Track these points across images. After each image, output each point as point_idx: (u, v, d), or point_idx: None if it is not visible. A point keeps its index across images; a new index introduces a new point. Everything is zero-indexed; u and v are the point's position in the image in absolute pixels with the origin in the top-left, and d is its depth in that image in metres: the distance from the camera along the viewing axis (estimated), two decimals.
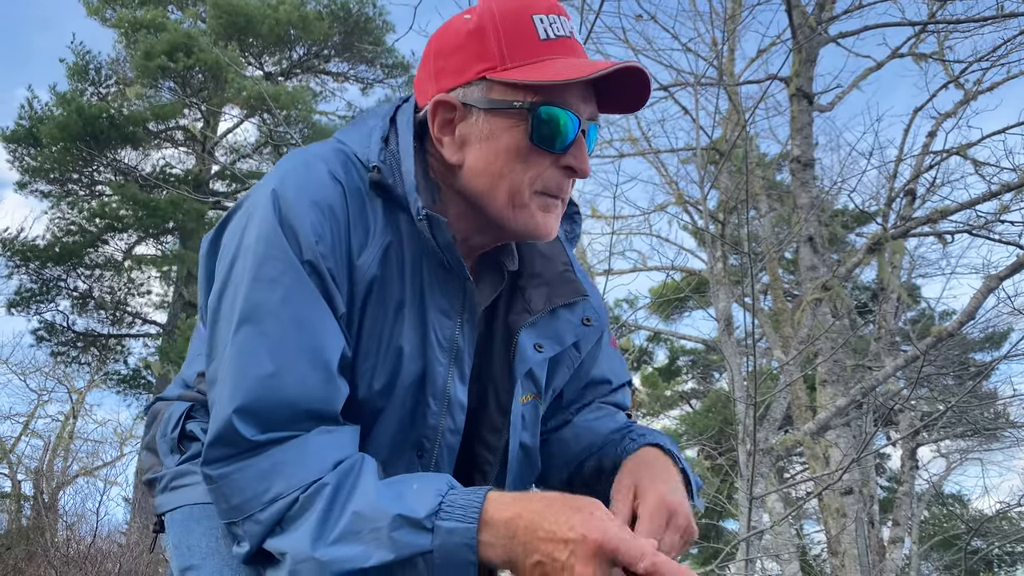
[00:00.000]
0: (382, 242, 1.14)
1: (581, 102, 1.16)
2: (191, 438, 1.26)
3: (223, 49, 14.17)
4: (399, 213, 1.17)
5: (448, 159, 1.18)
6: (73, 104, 14.98)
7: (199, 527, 1.21)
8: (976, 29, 8.68)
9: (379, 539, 0.97)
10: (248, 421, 1.04)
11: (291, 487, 1.02)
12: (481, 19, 1.16)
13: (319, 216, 1.10)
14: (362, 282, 1.13)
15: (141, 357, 17.39)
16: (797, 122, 8.12)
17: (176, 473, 1.26)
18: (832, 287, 5.87)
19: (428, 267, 1.17)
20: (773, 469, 5.95)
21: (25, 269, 15.97)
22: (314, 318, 1.08)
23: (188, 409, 1.28)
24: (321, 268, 1.09)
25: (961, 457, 13.50)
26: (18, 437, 19.68)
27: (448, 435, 1.23)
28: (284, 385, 1.05)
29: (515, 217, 1.17)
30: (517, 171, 1.14)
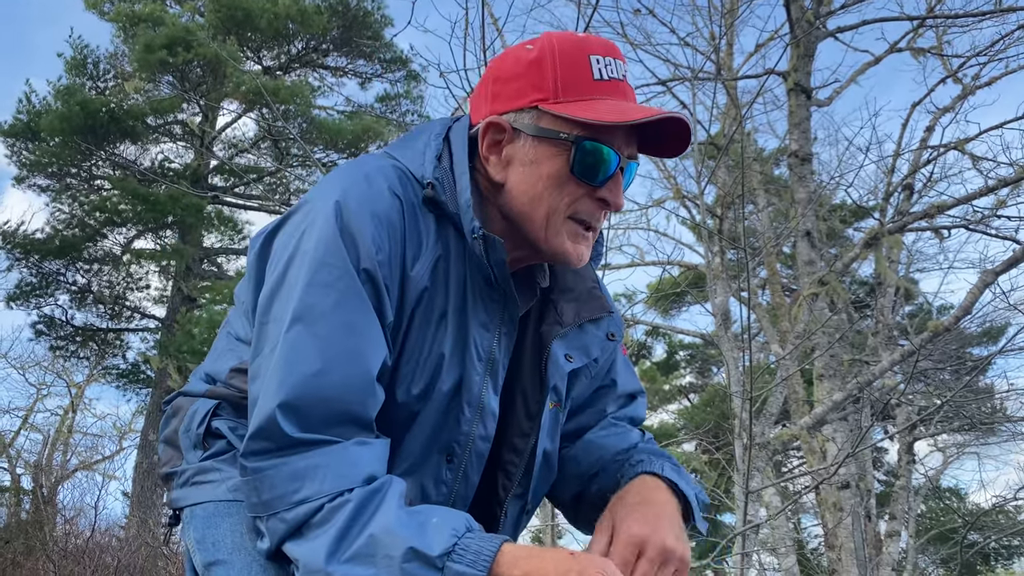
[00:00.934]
0: (433, 256, 1.21)
1: (623, 142, 1.23)
2: (216, 435, 1.28)
3: (221, 44, 14.15)
4: (449, 228, 1.23)
5: (493, 177, 1.25)
6: (72, 98, 14.95)
7: (225, 523, 1.23)
8: (974, 24, 8.70)
9: (391, 567, 1.01)
10: (290, 417, 1.08)
11: (320, 492, 1.06)
12: (541, 52, 1.23)
13: (379, 227, 1.16)
14: (413, 292, 1.19)
15: (140, 352, 17.40)
16: (795, 117, 8.13)
17: (200, 469, 1.28)
18: (829, 281, 5.89)
19: (472, 281, 1.24)
20: (770, 463, 5.98)
21: (25, 263, 15.96)
22: (363, 325, 1.14)
23: (215, 407, 1.30)
24: (376, 277, 1.15)
25: (958, 451, 13.54)
26: (17, 431, 19.71)
27: (479, 442, 1.29)
28: (328, 385, 1.10)
29: (548, 239, 1.24)
30: (555, 196, 1.22)
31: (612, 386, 1.47)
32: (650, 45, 9.82)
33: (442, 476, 1.29)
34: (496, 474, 1.37)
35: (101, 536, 11.05)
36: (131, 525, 14.00)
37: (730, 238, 9.58)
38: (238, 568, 1.18)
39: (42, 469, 18.87)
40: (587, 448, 1.44)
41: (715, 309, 9.72)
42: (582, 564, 1.03)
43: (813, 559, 15.59)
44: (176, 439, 1.33)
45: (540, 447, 1.34)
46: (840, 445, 7.08)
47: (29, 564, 9.19)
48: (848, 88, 10.21)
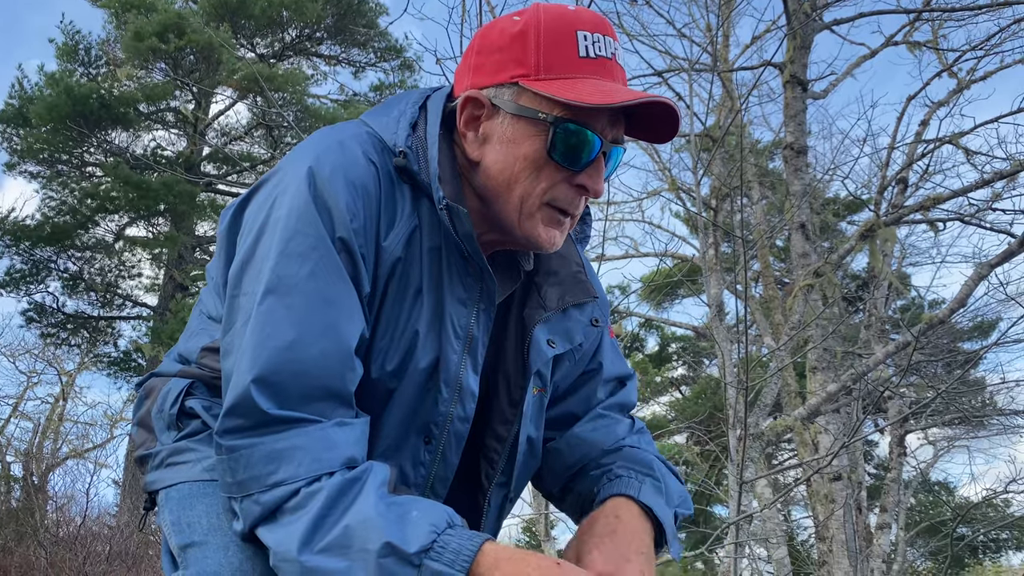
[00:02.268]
0: (408, 227, 1.16)
1: (607, 124, 1.17)
2: (190, 415, 1.25)
3: (215, 30, 14.05)
4: (423, 199, 1.18)
5: (469, 154, 1.20)
6: (63, 84, 14.84)
7: (200, 504, 1.19)
8: (971, 18, 8.69)
9: (366, 561, 0.96)
10: (266, 392, 1.04)
11: (297, 475, 1.02)
12: (526, 25, 1.16)
13: (353, 195, 1.11)
14: (387, 263, 1.14)
15: (131, 339, 17.34)
16: (791, 109, 8.12)
17: (173, 450, 1.25)
18: (824, 273, 5.89)
19: (448, 255, 1.19)
20: (763, 455, 5.99)
21: (15, 250, 15.86)
22: (339, 296, 1.09)
23: (188, 386, 1.27)
24: (352, 246, 1.10)
25: (948, 444, 13.62)
26: (7, 419, 19.63)
27: (457, 423, 1.24)
28: (304, 359, 1.05)
29: (520, 224, 1.18)
30: (530, 180, 1.16)
31: (598, 370, 1.42)
32: (646, 36, 9.80)
33: (420, 457, 1.25)
34: (479, 462, 1.33)
35: (93, 523, 11.03)
36: (122, 513, 13.98)
37: (725, 230, 9.58)
38: (214, 548, 1.13)
39: (32, 457, 18.82)
40: (572, 443, 1.39)
41: (709, 301, 9.71)
42: (567, 572, 1.00)
43: (804, 551, 15.67)
44: (150, 421, 1.30)
45: (523, 434, 1.30)
46: (834, 435, 7.10)
47: (20, 551, 9.16)
48: (844, 81, 10.22)
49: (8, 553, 9.16)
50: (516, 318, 1.32)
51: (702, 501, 15.46)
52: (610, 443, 1.37)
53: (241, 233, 1.19)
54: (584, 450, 1.37)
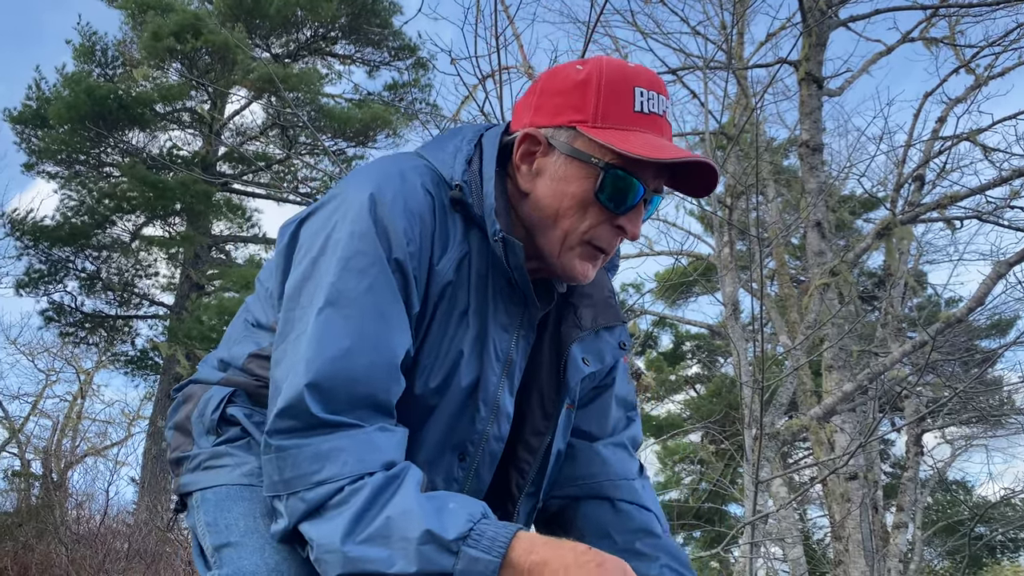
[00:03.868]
0: (459, 253, 1.24)
1: (651, 176, 1.26)
2: (231, 422, 1.29)
3: (230, 31, 14.12)
4: (475, 230, 1.27)
5: (521, 185, 1.29)
6: (80, 85, 14.96)
7: (237, 507, 1.23)
8: (988, 13, 8.61)
9: (406, 550, 1.01)
10: (317, 397, 1.10)
11: (342, 474, 1.07)
12: (589, 75, 1.26)
13: (411, 221, 1.19)
14: (437, 285, 1.23)
15: (148, 338, 17.45)
16: (806, 106, 8.08)
17: (212, 454, 1.29)
18: (840, 272, 5.86)
19: (494, 283, 1.28)
20: (778, 454, 5.98)
21: (34, 250, 16.00)
22: (392, 313, 1.17)
23: (230, 394, 1.31)
24: (407, 268, 1.18)
25: (966, 443, 13.51)
26: (27, 417, 19.81)
27: (493, 442, 1.32)
28: (356, 367, 1.12)
29: (560, 256, 1.27)
30: (576, 217, 1.25)
31: (611, 385, 1.48)
32: (661, 34, 9.79)
33: (454, 474, 1.31)
34: (510, 472, 1.38)
35: (112, 521, 11.11)
36: (140, 510, 14.08)
37: (740, 228, 9.56)
38: (250, 550, 1.18)
39: (51, 454, 18.99)
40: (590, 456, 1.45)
41: (724, 300, 9.67)
42: (603, 556, 1.04)
43: (819, 550, 15.61)
44: (188, 425, 1.34)
45: (555, 447, 1.37)
46: (850, 435, 7.06)
47: (41, 547, 9.25)
48: (859, 78, 10.15)
49: (29, 550, 9.25)
50: (552, 336, 1.39)
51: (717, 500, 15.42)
52: (622, 475, 1.44)
53: (298, 250, 1.25)
54: (597, 468, 1.44)
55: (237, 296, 15.10)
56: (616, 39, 9.68)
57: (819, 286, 5.62)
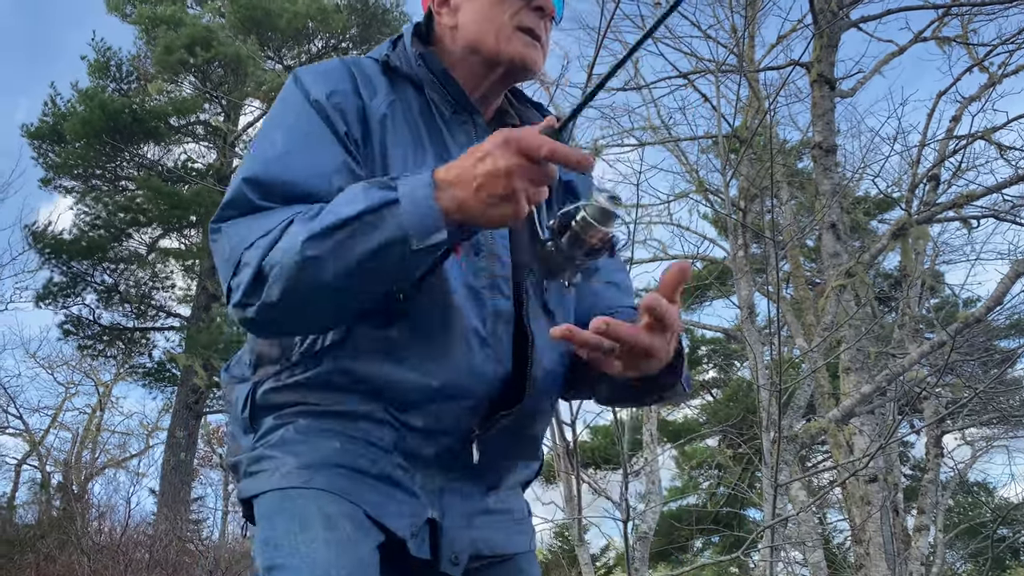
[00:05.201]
0: (388, 97, 1.36)
1: None
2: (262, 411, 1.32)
3: (242, 43, 14.24)
4: (407, 86, 1.40)
5: (447, 24, 1.42)
6: (96, 100, 15.11)
7: (280, 521, 1.23)
8: (1001, 11, 8.56)
9: (352, 201, 1.12)
10: (254, 189, 1.22)
11: (285, 218, 1.17)
12: None
13: (328, 78, 1.34)
14: (374, 119, 1.33)
15: (165, 350, 17.57)
16: (819, 108, 8.05)
17: (252, 459, 1.31)
18: (856, 273, 5.83)
19: (439, 114, 1.39)
20: (796, 457, 5.94)
21: (53, 263, 16.15)
22: (318, 132, 1.28)
23: (253, 386, 1.34)
24: (325, 106, 1.30)
25: (987, 445, 13.38)
26: (47, 429, 20.01)
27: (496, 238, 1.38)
28: (289, 167, 1.24)
29: (504, 48, 1.39)
30: (498, 12, 1.38)
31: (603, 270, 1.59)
32: (672, 38, 9.78)
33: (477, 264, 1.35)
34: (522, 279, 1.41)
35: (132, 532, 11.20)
36: (160, 521, 14.16)
37: (754, 231, 9.53)
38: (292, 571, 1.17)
39: (71, 466, 19.15)
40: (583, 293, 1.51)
41: (740, 303, 9.64)
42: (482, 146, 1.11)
43: (839, 554, 15.50)
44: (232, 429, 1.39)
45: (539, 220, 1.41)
46: (868, 437, 7.01)
47: (63, 559, 9.33)
48: (872, 78, 10.10)
49: (51, 561, 9.33)
50: None
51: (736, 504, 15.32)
52: (616, 304, 1.52)
53: None
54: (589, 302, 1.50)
55: None
56: (626, 44, 9.69)
57: (835, 288, 5.60)
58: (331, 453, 1.26)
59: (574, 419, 4.76)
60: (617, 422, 4.69)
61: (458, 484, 1.33)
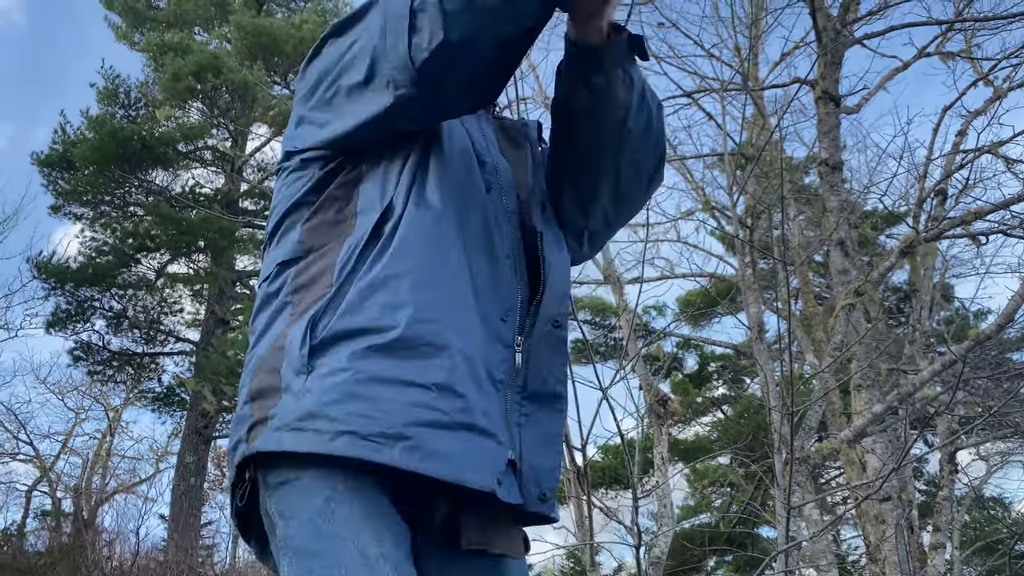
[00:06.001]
0: None
1: None
2: (322, 345, 1.19)
3: (249, 69, 14.35)
4: None
5: None
6: (104, 128, 15.23)
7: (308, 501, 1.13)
8: (1004, 25, 8.56)
9: None
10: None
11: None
12: None
13: None
14: None
15: (175, 375, 17.59)
16: (824, 125, 8.05)
17: (307, 413, 1.14)
18: (865, 292, 5.81)
19: None
20: (809, 478, 5.89)
21: (61, 290, 16.22)
22: None
23: (312, 321, 1.21)
24: None
25: (1002, 460, 13.27)
26: (57, 455, 20.01)
27: (504, 172, 1.46)
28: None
29: None
30: None
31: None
32: (675, 57, 9.80)
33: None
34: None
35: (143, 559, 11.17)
36: (170, 547, 14.12)
37: (762, 248, 9.51)
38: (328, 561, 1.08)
39: (82, 493, 19.14)
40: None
41: (749, 320, 9.60)
42: None
43: (855, 572, 15.34)
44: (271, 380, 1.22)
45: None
46: (881, 457, 6.95)
47: None
48: (876, 93, 10.11)
49: None
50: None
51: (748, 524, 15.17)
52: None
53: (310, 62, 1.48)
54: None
55: None
56: None
57: (844, 307, 5.57)
58: (404, 410, 1.14)
59: (584, 443, 4.74)
60: (626, 444, 4.67)
61: (525, 409, 1.30)
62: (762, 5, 9.97)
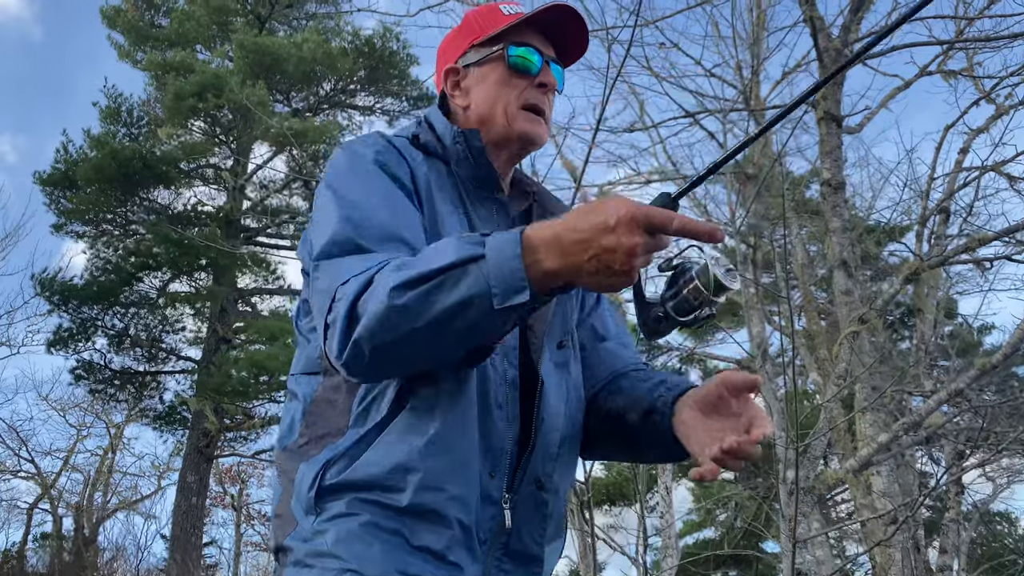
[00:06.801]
0: (424, 168, 1.46)
1: (539, 44, 1.55)
2: (331, 491, 1.29)
3: (251, 88, 14.36)
4: (433, 159, 1.49)
5: (461, 106, 1.56)
6: (107, 146, 15.25)
7: None
8: (1006, 44, 8.54)
9: (443, 252, 1.16)
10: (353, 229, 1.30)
11: (381, 260, 1.23)
12: (464, 18, 1.63)
13: (376, 148, 1.44)
14: (421, 179, 1.43)
15: (176, 393, 17.55)
16: (826, 145, 8.03)
17: (311, 551, 1.28)
18: (869, 319, 5.78)
19: (466, 189, 1.49)
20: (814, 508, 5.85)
21: (63, 309, 16.21)
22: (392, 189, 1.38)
23: (325, 464, 1.30)
24: (387, 165, 1.40)
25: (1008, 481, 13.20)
26: (59, 472, 19.96)
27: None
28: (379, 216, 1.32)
29: (511, 125, 1.51)
30: (505, 93, 1.52)
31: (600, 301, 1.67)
32: (676, 77, 9.80)
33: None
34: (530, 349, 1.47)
35: None
36: (171, 567, 14.07)
37: (765, 265, 9.48)
38: None
39: (83, 510, 19.08)
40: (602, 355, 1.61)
41: (752, 339, 9.57)
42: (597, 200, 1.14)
43: None
44: (288, 511, 1.35)
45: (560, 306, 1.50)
46: (885, 480, 6.90)
47: None
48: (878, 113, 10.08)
49: None
50: None
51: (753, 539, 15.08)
52: (632, 363, 1.61)
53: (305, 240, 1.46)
54: (608, 363, 1.60)
55: (264, 349, 15.16)
56: (632, 86, 9.73)
57: (848, 335, 5.54)
58: (401, 560, 1.25)
59: (588, 475, 4.70)
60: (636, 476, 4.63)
61: (505, 566, 1.35)
62: (763, 24, 9.99)
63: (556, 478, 1.42)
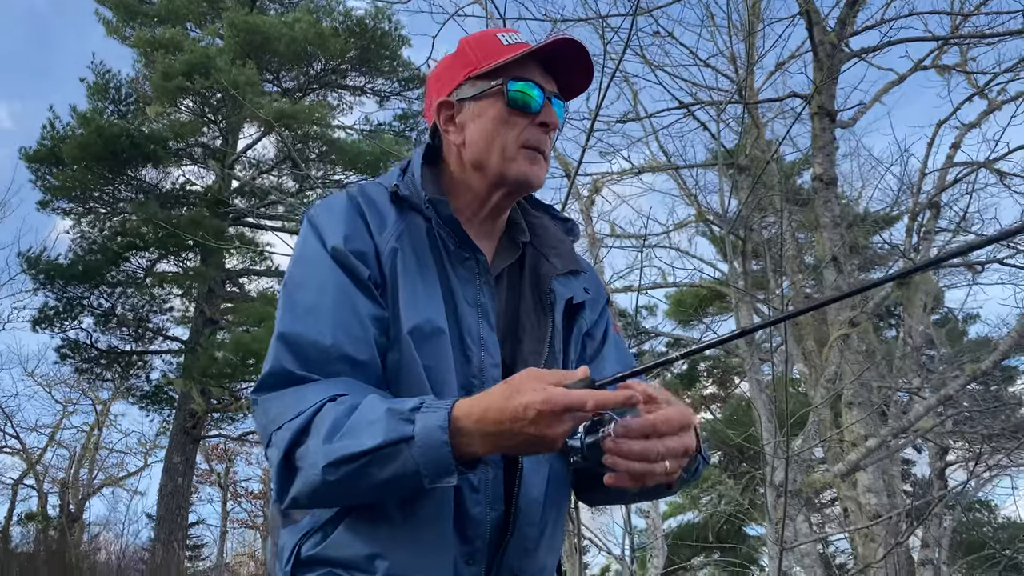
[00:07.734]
0: (397, 228, 1.41)
1: (541, 79, 1.47)
2: (306, 564, 1.33)
3: (241, 68, 14.19)
4: (414, 215, 1.44)
5: (454, 142, 1.48)
6: (94, 124, 15.07)
7: None
8: (1000, 39, 8.53)
9: (372, 429, 1.17)
10: (291, 354, 1.28)
11: (317, 402, 1.23)
12: (460, 45, 1.53)
13: (341, 220, 1.39)
14: (386, 253, 1.38)
15: (163, 373, 17.49)
16: (819, 140, 8.00)
17: None
18: (859, 323, 5.79)
19: (445, 249, 1.43)
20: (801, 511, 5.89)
21: (49, 288, 16.08)
22: (345, 288, 1.34)
23: (302, 536, 1.35)
24: (346, 253, 1.35)
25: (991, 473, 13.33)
26: (44, 448, 19.90)
27: (490, 369, 1.40)
28: (322, 329, 1.29)
29: (508, 168, 1.44)
30: (503, 132, 1.44)
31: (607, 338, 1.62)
32: (671, 66, 9.74)
33: None
34: None
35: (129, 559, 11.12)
36: (157, 547, 14.08)
37: (754, 254, 9.49)
38: None
39: (68, 486, 19.06)
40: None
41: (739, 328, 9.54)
42: (517, 380, 1.16)
43: None
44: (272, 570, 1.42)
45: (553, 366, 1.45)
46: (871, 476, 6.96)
47: None
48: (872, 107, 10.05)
49: None
50: (530, 283, 1.53)
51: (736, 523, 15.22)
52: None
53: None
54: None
55: (251, 331, 15.10)
56: (626, 75, 9.66)
57: (837, 338, 5.55)
58: None
59: None
60: None
61: None
62: (758, 14, 9.93)
63: (533, 571, 1.41)
